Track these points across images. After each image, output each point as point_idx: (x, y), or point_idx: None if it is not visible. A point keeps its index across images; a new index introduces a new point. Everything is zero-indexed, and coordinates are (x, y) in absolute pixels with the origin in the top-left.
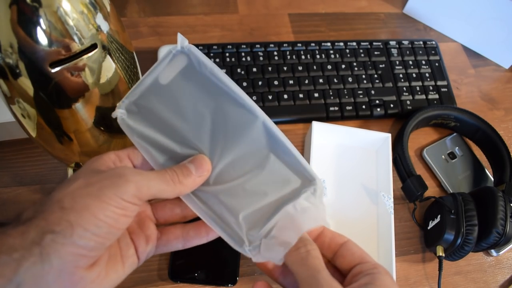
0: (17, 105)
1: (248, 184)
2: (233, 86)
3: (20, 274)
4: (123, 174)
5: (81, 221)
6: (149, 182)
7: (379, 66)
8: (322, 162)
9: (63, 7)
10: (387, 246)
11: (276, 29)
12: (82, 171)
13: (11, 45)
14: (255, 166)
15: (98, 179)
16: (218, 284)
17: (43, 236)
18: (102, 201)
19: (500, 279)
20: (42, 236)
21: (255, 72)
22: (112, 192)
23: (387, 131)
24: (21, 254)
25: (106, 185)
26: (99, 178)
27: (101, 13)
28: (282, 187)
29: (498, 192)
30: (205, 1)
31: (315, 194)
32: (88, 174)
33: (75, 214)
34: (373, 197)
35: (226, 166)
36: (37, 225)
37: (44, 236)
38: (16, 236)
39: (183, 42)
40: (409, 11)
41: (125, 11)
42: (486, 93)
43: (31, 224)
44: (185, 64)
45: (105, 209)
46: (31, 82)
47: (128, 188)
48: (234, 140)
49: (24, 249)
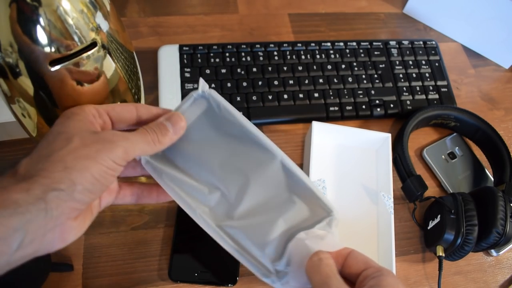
0: (17, 104)
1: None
2: (253, 128)
3: (24, 225)
4: (113, 140)
5: (82, 179)
6: (134, 146)
7: (379, 66)
8: (322, 162)
9: (62, 6)
10: (387, 246)
11: (276, 29)
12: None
13: (11, 44)
14: (275, 202)
15: (93, 142)
16: (218, 284)
17: (47, 192)
18: (98, 162)
19: (500, 279)
20: (47, 192)
21: (255, 72)
22: (106, 155)
23: (387, 131)
24: (25, 208)
25: (100, 149)
26: (93, 140)
27: (100, 12)
28: (301, 219)
29: (498, 192)
30: (205, 1)
31: (330, 224)
32: (81, 134)
33: (77, 173)
34: (373, 197)
35: (248, 203)
36: (41, 183)
37: (48, 192)
38: (20, 192)
39: (204, 87)
40: (409, 11)
41: (125, 11)
42: (486, 93)
43: (34, 181)
44: (205, 108)
45: (101, 170)
46: (31, 81)
47: (118, 152)
48: (255, 178)
49: (29, 204)
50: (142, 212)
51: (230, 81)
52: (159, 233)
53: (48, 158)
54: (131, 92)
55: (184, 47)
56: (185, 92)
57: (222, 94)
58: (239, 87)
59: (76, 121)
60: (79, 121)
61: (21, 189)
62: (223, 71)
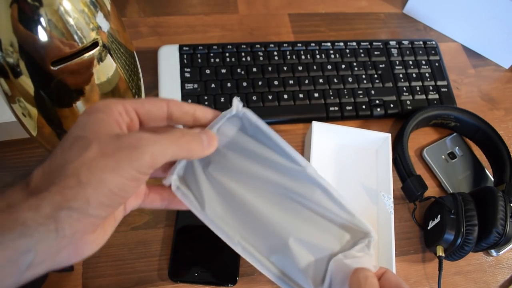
0: (18, 104)
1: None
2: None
3: (34, 246)
4: (138, 146)
5: (97, 195)
6: (165, 150)
7: (379, 66)
8: (322, 162)
9: (63, 6)
10: (387, 246)
11: (276, 29)
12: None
13: (12, 44)
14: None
15: (114, 149)
16: (218, 284)
17: (59, 211)
18: (118, 174)
19: (500, 279)
20: (57, 211)
21: (255, 72)
22: (128, 165)
23: (387, 131)
24: (34, 229)
25: (122, 158)
26: (114, 147)
27: (101, 12)
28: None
29: (498, 192)
30: (205, 1)
31: (369, 246)
32: (102, 139)
33: (92, 189)
34: (373, 197)
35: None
36: (51, 199)
37: (60, 211)
38: (28, 211)
39: (239, 106)
40: (409, 11)
41: (125, 11)
42: (486, 93)
43: (44, 198)
44: (238, 126)
45: (120, 183)
46: (31, 81)
47: (144, 160)
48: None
49: (38, 224)
50: (142, 212)
51: (230, 81)
52: (159, 233)
53: (61, 171)
54: (132, 92)
55: (184, 47)
56: (185, 92)
57: (222, 94)
58: (239, 87)
59: (98, 121)
60: (102, 121)
61: (30, 207)
62: (223, 71)
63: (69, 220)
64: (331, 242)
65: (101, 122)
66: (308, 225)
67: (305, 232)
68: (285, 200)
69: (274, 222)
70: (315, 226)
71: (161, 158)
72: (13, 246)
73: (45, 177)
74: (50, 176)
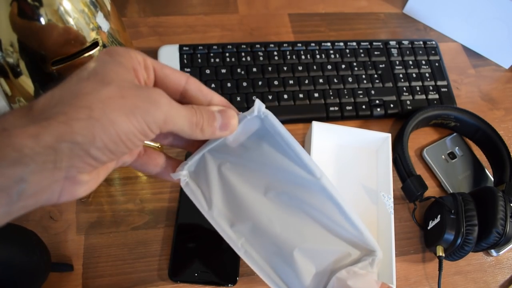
0: (18, 104)
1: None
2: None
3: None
4: (157, 101)
5: (104, 135)
6: (176, 119)
7: (379, 66)
8: (322, 162)
9: (63, 6)
10: (387, 246)
11: (276, 29)
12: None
13: (12, 44)
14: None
15: (132, 96)
16: (218, 284)
17: (60, 142)
18: (129, 121)
19: (500, 279)
20: (59, 142)
21: (255, 72)
22: (141, 115)
23: (387, 131)
24: (30, 157)
25: (138, 106)
26: (133, 94)
27: (101, 12)
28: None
29: (498, 192)
30: (205, 1)
31: (373, 264)
32: (121, 82)
33: (101, 127)
34: (373, 197)
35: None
36: (55, 129)
37: (61, 142)
38: (27, 138)
39: (261, 108)
40: (409, 11)
41: (125, 11)
42: (486, 93)
43: (48, 125)
44: (257, 128)
45: (130, 130)
46: (31, 81)
47: (157, 117)
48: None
49: (36, 153)
50: (142, 212)
51: (230, 81)
52: (159, 233)
53: (73, 100)
54: None
55: (184, 47)
56: None
57: (222, 94)
58: (239, 87)
59: (118, 63)
60: (121, 65)
61: (30, 134)
62: (223, 71)
63: (69, 153)
64: (336, 256)
65: (121, 65)
66: (315, 236)
67: (311, 244)
68: (295, 209)
69: (281, 229)
70: (321, 239)
71: (171, 123)
72: (6, 174)
73: (54, 103)
74: (60, 103)
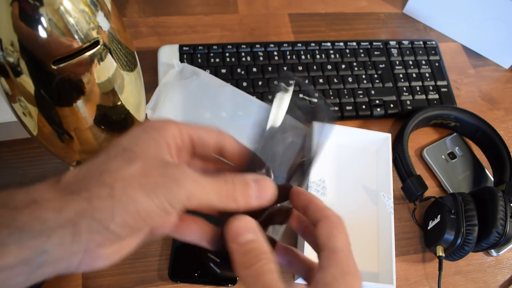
0: (18, 103)
1: None
2: None
3: (50, 247)
4: (179, 179)
5: (123, 213)
6: (201, 194)
7: (379, 66)
8: (322, 162)
9: (64, 5)
10: (387, 246)
11: (276, 29)
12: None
13: (12, 43)
14: None
15: (156, 174)
16: (218, 284)
17: (81, 217)
18: (151, 199)
19: (500, 279)
20: (80, 217)
21: (255, 72)
22: (162, 194)
23: (387, 131)
24: (53, 230)
25: (159, 184)
26: (157, 173)
27: (102, 12)
28: None
29: (498, 192)
30: (205, 1)
31: None
32: (148, 160)
33: (121, 205)
34: (373, 197)
35: None
36: (77, 205)
37: (82, 218)
38: (52, 210)
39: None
40: (409, 11)
41: (125, 11)
42: (486, 93)
43: (72, 200)
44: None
45: (150, 207)
46: (32, 80)
47: (178, 196)
48: None
49: (58, 226)
50: None
51: (230, 81)
52: None
53: (98, 177)
54: None
55: (184, 47)
56: None
57: None
58: (239, 87)
59: (150, 140)
60: (153, 141)
61: (54, 207)
62: (223, 71)
63: (88, 229)
64: None
65: (152, 141)
66: None
67: None
68: None
69: None
70: None
71: (195, 199)
72: (31, 246)
73: (80, 179)
74: (86, 180)
